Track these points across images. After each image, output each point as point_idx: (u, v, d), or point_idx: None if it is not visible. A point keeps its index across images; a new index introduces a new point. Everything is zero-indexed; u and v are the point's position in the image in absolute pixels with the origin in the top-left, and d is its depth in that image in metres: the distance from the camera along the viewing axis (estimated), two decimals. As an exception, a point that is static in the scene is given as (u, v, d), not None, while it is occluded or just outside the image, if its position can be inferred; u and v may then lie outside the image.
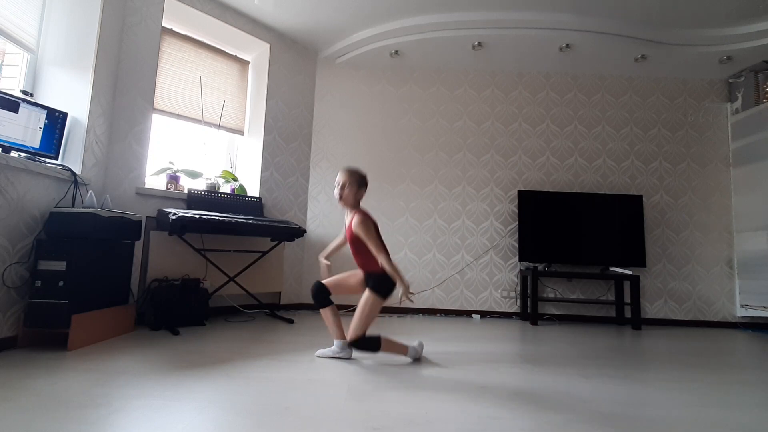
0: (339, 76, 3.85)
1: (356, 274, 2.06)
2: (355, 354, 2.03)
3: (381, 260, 1.86)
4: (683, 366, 2.10)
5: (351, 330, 1.90)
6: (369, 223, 1.93)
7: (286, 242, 3.33)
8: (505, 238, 3.66)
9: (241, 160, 3.53)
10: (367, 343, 1.92)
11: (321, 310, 2.00)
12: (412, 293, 1.86)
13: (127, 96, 2.64)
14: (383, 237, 1.98)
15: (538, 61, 3.68)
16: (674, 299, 3.57)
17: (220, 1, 3.11)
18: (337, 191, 2.00)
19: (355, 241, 1.95)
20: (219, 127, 3.31)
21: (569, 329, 3.11)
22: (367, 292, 1.94)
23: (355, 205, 2.00)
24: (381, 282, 1.91)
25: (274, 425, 1.19)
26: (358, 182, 1.99)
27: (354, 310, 1.96)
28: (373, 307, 1.91)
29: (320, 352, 2.02)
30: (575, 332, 2.98)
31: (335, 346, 1.99)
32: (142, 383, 1.49)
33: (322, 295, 1.99)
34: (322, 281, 2.02)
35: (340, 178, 2.00)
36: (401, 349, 1.97)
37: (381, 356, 2.01)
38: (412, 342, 2.05)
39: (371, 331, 1.94)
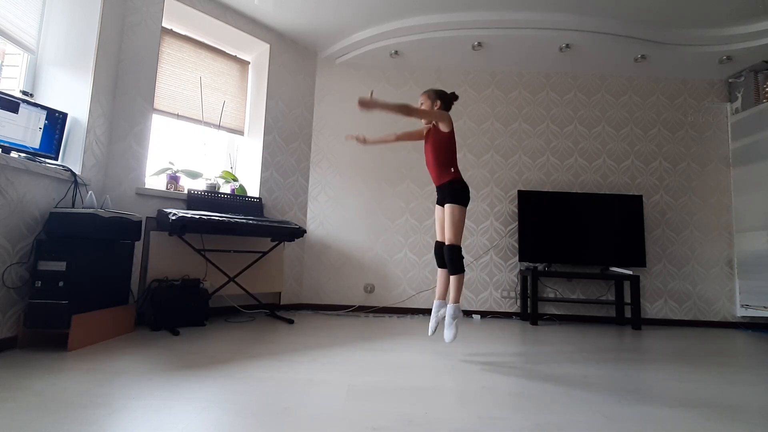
0: (339, 76, 3.85)
1: (437, 216, 2.19)
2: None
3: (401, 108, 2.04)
4: (684, 366, 2.10)
5: (448, 239, 2.03)
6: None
7: (286, 242, 3.33)
8: (505, 238, 3.66)
9: (241, 161, 3.53)
10: (461, 258, 2.04)
11: (443, 271, 2.09)
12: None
13: (127, 96, 2.64)
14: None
15: (538, 61, 3.67)
16: (674, 299, 3.57)
17: (220, 2, 3.11)
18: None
19: (437, 144, 2.11)
20: (219, 127, 3.31)
21: (569, 329, 3.11)
22: (447, 207, 2.05)
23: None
24: (456, 193, 2.06)
25: (274, 425, 1.19)
26: (431, 97, 2.17)
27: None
28: (459, 216, 2.03)
29: (432, 325, 2.11)
30: (575, 332, 2.98)
31: (440, 308, 2.13)
32: (142, 383, 1.49)
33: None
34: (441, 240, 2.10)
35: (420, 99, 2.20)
36: (456, 296, 2.04)
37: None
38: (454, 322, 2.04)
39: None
